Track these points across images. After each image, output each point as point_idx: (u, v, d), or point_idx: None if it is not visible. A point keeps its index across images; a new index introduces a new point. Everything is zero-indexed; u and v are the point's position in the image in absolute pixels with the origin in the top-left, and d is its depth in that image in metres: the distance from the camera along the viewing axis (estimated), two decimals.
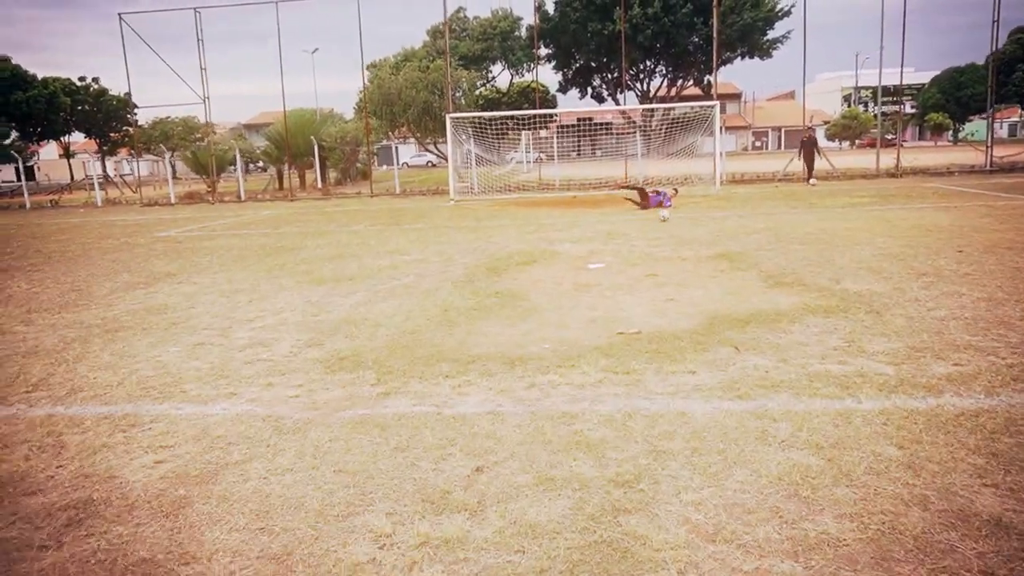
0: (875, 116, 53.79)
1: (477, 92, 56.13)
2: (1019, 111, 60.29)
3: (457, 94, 30.52)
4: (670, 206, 13.78)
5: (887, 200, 17.43)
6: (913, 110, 56.30)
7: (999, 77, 54.00)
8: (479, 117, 25.98)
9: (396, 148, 29.71)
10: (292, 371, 5.81)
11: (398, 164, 31.16)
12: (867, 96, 61.85)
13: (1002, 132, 65.68)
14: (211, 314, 8.13)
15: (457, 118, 23.82)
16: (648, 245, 11.73)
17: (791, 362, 5.47)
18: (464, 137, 27.05)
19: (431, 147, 34.59)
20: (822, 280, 8.40)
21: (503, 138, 29.03)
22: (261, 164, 50.29)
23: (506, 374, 5.50)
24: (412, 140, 35.40)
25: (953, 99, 52.46)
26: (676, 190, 18.54)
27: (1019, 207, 14.70)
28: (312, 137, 29.08)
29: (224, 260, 12.33)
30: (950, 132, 57.63)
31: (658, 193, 17.74)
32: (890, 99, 48.79)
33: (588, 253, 11.18)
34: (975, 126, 61.82)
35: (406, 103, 27.91)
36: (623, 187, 19.06)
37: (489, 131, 26.82)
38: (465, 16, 53.59)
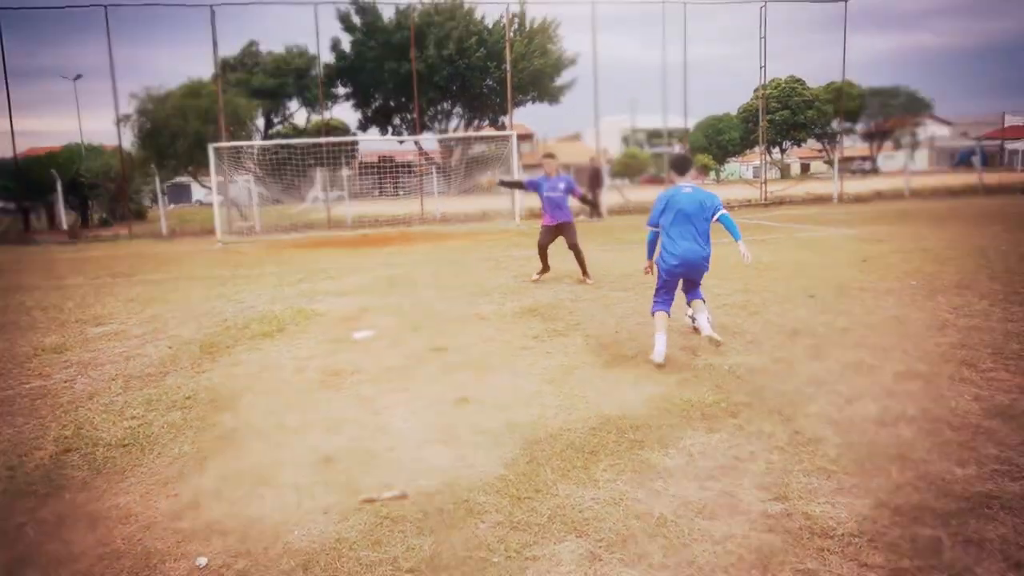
0: (651, 156, 55.40)
1: (274, 129, 50.84)
2: (760, 155, 65.30)
3: (241, 131, 25.74)
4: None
5: None
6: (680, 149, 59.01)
7: (747, 125, 58.04)
8: (250, 147, 21.66)
9: (158, 183, 24.30)
10: None
11: (164, 202, 25.74)
12: (642, 138, 64.23)
13: (748, 174, 70.99)
14: None
15: (225, 148, 19.35)
16: (438, 296, 8.49)
17: None
18: (243, 172, 22.54)
19: (208, 183, 29.25)
20: (673, 350, 5.56)
21: (303, 176, 24.84)
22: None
23: None
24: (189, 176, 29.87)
25: (714, 143, 55.31)
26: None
27: (822, 239, 13.29)
28: (53, 171, 22.99)
29: None
30: (713, 172, 60.95)
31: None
32: (664, 141, 50.52)
33: (359, 312, 7.71)
34: (732, 167, 66.13)
35: (174, 133, 22.87)
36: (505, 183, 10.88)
37: (288, 168, 22.53)
38: (257, 50, 48.29)
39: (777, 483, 3.21)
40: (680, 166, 5.63)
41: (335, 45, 45.21)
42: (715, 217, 5.38)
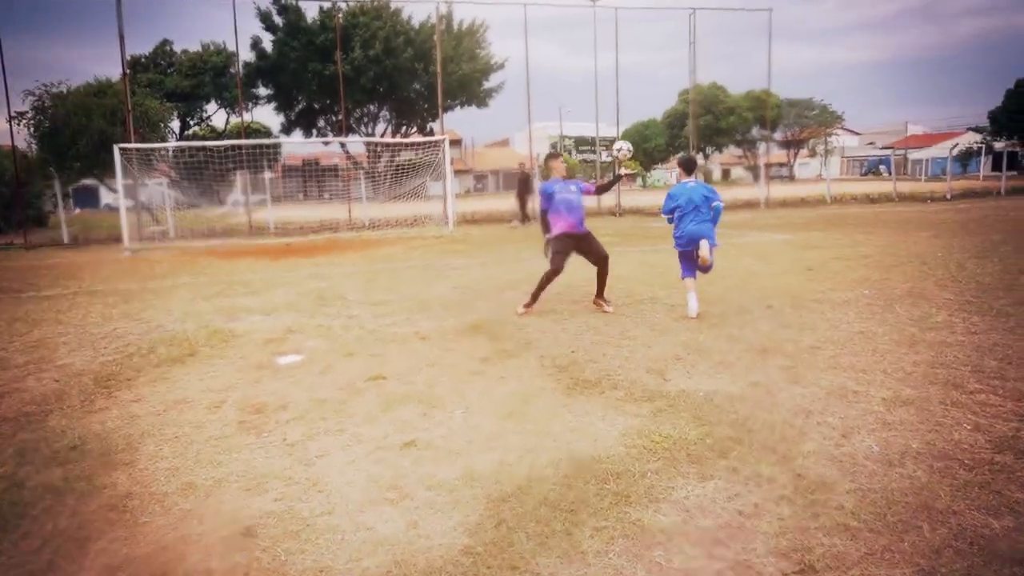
0: (580, 163, 55.63)
1: (190, 131, 48.34)
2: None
3: (153, 133, 23.95)
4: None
5: (630, 240, 15.32)
6: (609, 159, 59.62)
7: (672, 131, 59.02)
8: (163, 149, 20.18)
9: (58, 186, 22.33)
10: None
11: (66, 207, 23.77)
12: (570, 144, 64.57)
13: (672, 180, 72.44)
14: None
15: (132, 149, 17.83)
16: (373, 314, 7.74)
17: None
18: (155, 175, 20.97)
19: (115, 186, 27.17)
20: (639, 372, 5.06)
21: (221, 179, 23.32)
22: None
23: None
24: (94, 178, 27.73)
25: (640, 150, 55.97)
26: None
27: (762, 244, 13.20)
28: None
29: None
30: (640, 179, 61.95)
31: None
32: (589, 148, 50.92)
33: (284, 332, 6.89)
34: (659, 174, 67.22)
35: (76, 132, 21.03)
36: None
37: (206, 171, 21.07)
38: (171, 49, 45.81)
39: (796, 547, 2.70)
40: (688, 166, 6.88)
41: (255, 44, 43.28)
42: (714, 204, 6.65)
